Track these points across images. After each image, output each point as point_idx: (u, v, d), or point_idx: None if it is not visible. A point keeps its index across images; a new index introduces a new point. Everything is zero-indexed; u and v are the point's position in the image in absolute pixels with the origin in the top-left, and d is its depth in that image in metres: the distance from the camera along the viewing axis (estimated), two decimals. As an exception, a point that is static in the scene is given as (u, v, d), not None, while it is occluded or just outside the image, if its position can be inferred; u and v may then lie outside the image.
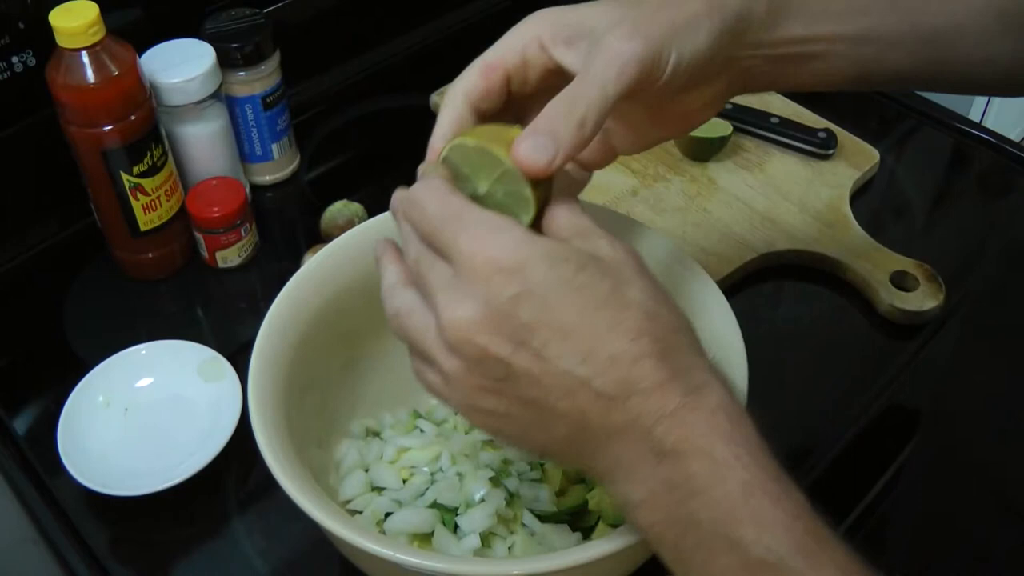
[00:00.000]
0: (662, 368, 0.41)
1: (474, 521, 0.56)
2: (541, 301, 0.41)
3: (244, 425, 0.60)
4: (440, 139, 0.49)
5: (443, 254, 0.43)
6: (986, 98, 1.26)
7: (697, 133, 0.86)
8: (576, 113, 0.43)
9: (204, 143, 0.81)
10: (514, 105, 0.51)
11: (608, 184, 0.85)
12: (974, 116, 1.25)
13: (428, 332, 0.43)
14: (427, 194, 0.45)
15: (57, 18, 0.68)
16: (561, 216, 0.45)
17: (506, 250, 0.41)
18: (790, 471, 0.67)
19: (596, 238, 0.44)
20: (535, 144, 0.43)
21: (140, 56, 0.74)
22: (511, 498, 0.57)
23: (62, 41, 0.68)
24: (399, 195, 0.47)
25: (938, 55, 0.54)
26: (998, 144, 0.93)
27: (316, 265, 0.61)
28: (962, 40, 0.54)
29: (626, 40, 0.44)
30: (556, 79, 0.48)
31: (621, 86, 0.44)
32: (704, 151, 0.87)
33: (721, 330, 0.56)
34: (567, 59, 0.48)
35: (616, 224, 0.63)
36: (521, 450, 0.47)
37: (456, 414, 0.62)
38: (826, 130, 0.89)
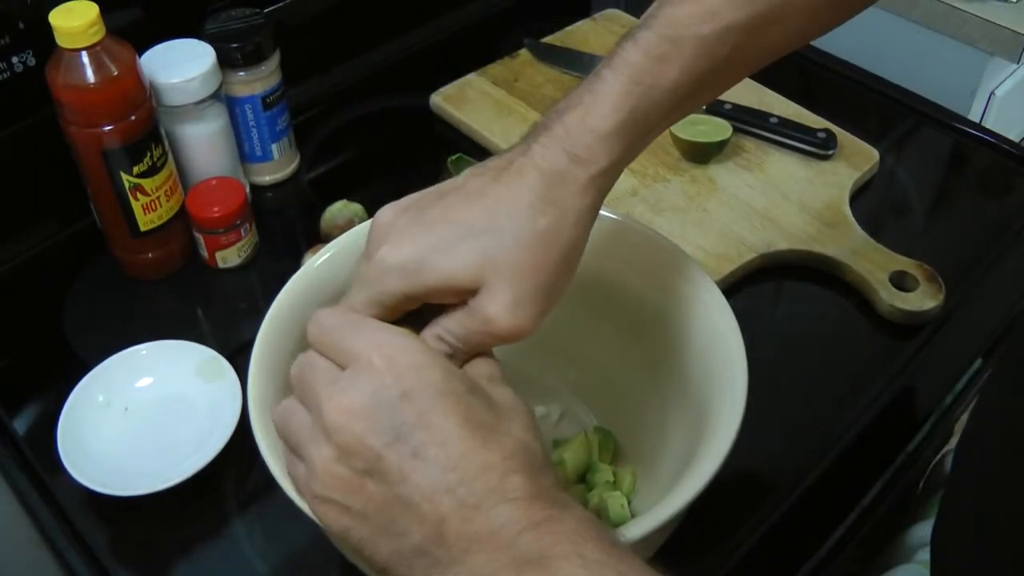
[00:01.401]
0: (531, 485, 0.40)
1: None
2: (428, 404, 0.41)
3: (244, 425, 0.60)
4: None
5: (337, 359, 0.43)
6: (986, 98, 1.26)
7: (697, 137, 0.86)
8: (458, 356, 0.47)
9: (204, 143, 0.81)
10: None
11: (608, 184, 0.85)
12: (974, 116, 1.25)
13: (304, 424, 0.43)
14: (329, 312, 0.46)
15: (57, 18, 0.68)
16: (477, 361, 0.47)
17: (407, 352, 0.42)
18: (790, 471, 0.67)
19: (500, 385, 0.46)
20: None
21: (140, 56, 0.74)
22: (511, 498, 0.57)
23: (62, 41, 0.68)
24: (314, 315, 0.47)
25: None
26: (998, 144, 0.93)
27: (316, 265, 0.61)
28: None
29: (508, 322, 0.46)
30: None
31: (499, 344, 0.47)
32: (704, 154, 0.87)
33: (721, 330, 0.56)
34: (452, 302, 0.48)
35: (616, 225, 0.63)
36: (360, 563, 0.45)
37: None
38: (826, 130, 0.89)
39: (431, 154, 0.89)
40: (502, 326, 0.46)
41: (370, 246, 0.49)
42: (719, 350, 0.55)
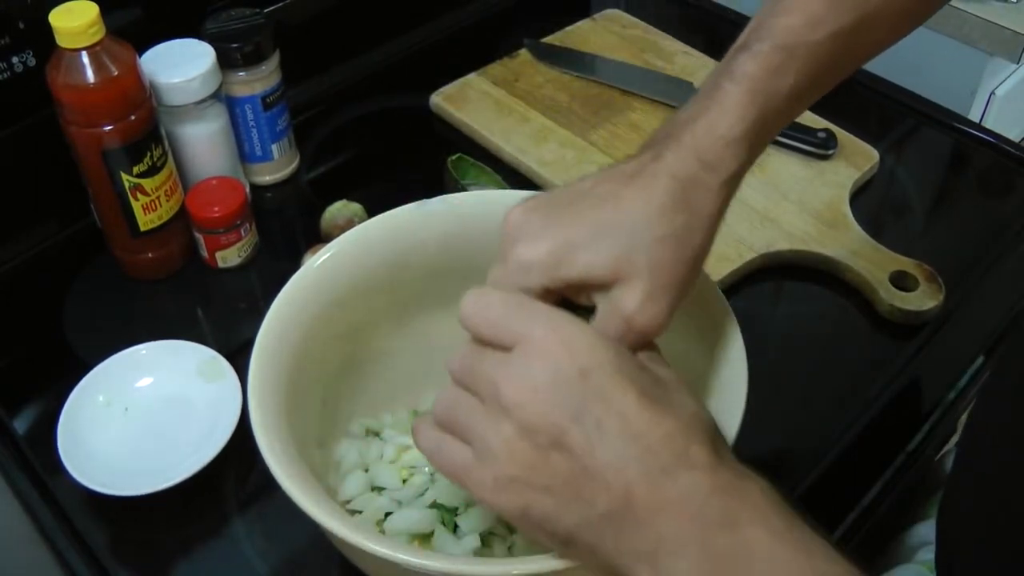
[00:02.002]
0: (712, 454, 0.42)
1: (474, 521, 0.56)
2: (606, 380, 0.42)
3: (244, 425, 0.60)
4: None
5: (506, 341, 0.44)
6: (986, 98, 1.26)
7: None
8: None
9: (204, 143, 0.81)
10: None
11: (608, 184, 0.85)
12: (974, 116, 1.25)
13: (476, 410, 0.44)
14: (491, 293, 0.47)
15: (57, 18, 0.68)
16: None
17: (581, 334, 0.43)
18: (790, 471, 0.67)
19: (660, 364, 0.47)
20: None
21: (140, 56, 0.74)
22: (511, 498, 0.57)
23: (62, 41, 0.68)
24: (469, 297, 0.46)
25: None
26: (998, 144, 0.93)
27: (316, 265, 0.61)
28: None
29: (646, 317, 0.47)
30: None
31: (644, 342, 0.48)
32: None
33: (721, 330, 0.56)
34: (591, 301, 0.49)
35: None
36: (539, 538, 0.45)
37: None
38: (826, 130, 0.89)
39: (431, 154, 0.89)
40: (640, 319, 0.47)
41: (504, 246, 0.49)
42: (719, 350, 0.55)
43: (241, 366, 0.67)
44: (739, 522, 0.41)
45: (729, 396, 0.52)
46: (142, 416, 0.69)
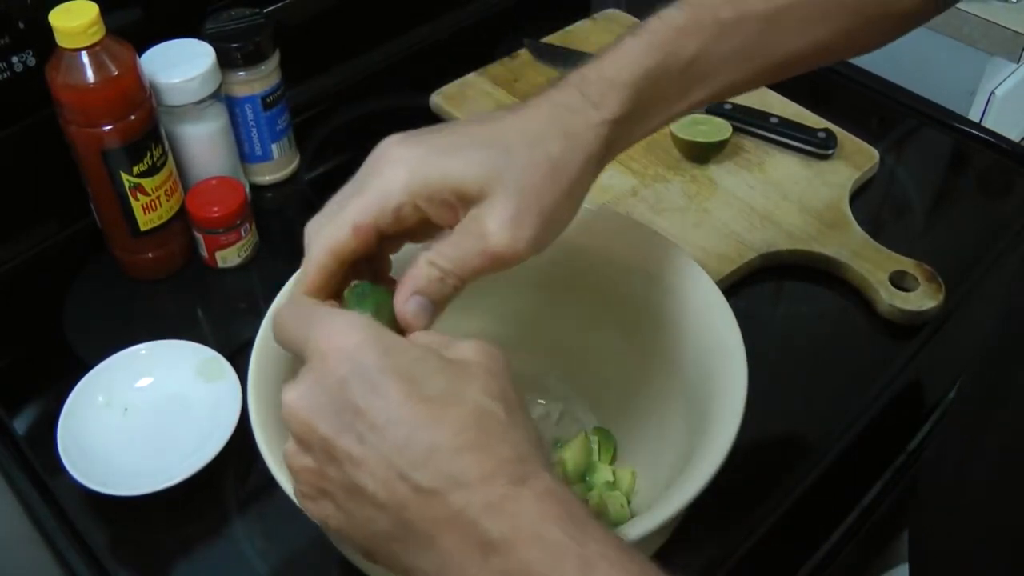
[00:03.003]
0: (485, 461, 0.39)
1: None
2: (369, 385, 0.40)
3: (244, 425, 0.60)
4: (308, 291, 0.48)
5: (299, 355, 0.43)
6: (986, 98, 1.26)
7: (697, 137, 0.86)
8: (448, 282, 0.46)
9: (204, 143, 0.81)
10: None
11: (608, 184, 0.85)
12: (974, 116, 1.25)
13: None
14: (284, 307, 0.46)
15: (57, 18, 0.68)
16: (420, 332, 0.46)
17: (344, 334, 0.41)
18: (791, 471, 0.67)
19: (459, 343, 0.43)
20: (417, 308, 0.46)
21: (140, 56, 0.74)
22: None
23: (62, 41, 0.68)
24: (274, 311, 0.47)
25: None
26: (998, 144, 0.93)
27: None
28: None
29: (505, 238, 0.45)
30: (425, 225, 0.48)
31: (493, 270, 0.46)
32: (703, 154, 0.87)
33: (721, 330, 0.56)
34: (442, 220, 0.47)
35: (616, 224, 0.63)
36: (350, 550, 0.44)
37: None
38: (826, 130, 0.89)
39: (431, 154, 0.89)
40: (499, 242, 0.45)
41: (372, 159, 0.47)
42: (719, 350, 0.55)
43: (241, 366, 0.67)
44: (512, 541, 0.38)
45: (729, 396, 0.52)
46: (142, 416, 0.69)
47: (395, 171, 0.46)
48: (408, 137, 0.48)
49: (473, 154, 0.46)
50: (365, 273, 0.49)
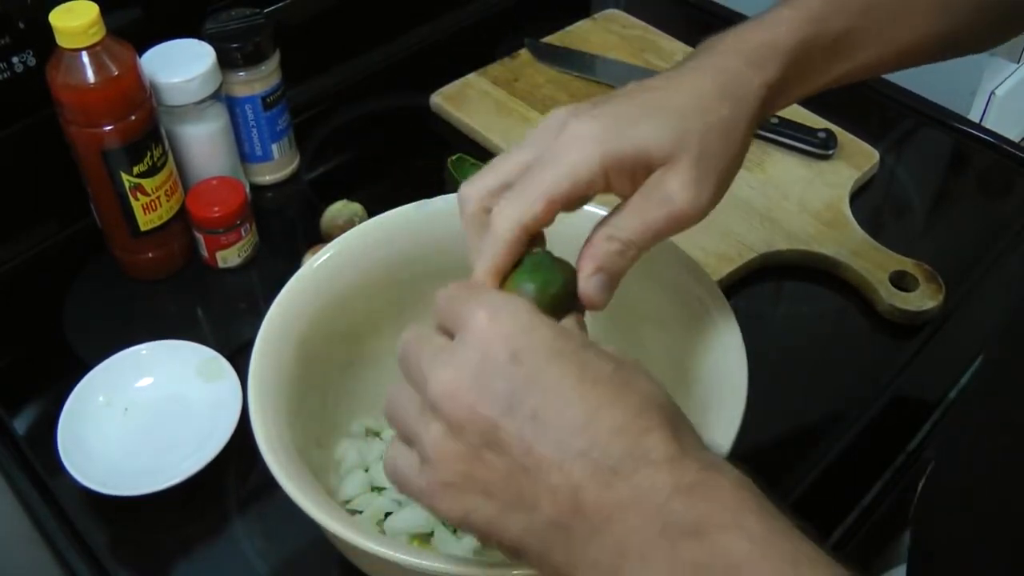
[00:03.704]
0: (672, 444, 0.37)
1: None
2: (542, 365, 0.38)
3: (244, 425, 0.60)
4: (495, 270, 0.46)
5: (452, 328, 0.41)
6: (986, 98, 1.26)
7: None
8: (628, 254, 0.46)
9: (204, 143, 0.81)
10: None
11: (608, 184, 0.85)
12: (974, 116, 1.25)
13: (413, 405, 0.40)
14: (454, 283, 0.44)
15: (57, 18, 0.68)
16: (576, 318, 0.46)
17: (514, 314, 0.40)
18: (790, 471, 0.67)
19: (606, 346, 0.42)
20: (600, 284, 0.46)
21: (140, 56, 0.74)
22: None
23: (62, 41, 0.68)
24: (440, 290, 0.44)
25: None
26: (998, 144, 0.93)
27: (316, 265, 0.61)
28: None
29: (689, 198, 0.46)
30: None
31: (671, 233, 0.47)
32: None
33: (721, 330, 0.56)
34: (627, 192, 0.47)
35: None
36: (490, 548, 0.41)
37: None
38: (826, 130, 0.89)
39: (431, 154, 0.89)
40: (684, 202, 0.46)
41: (548, 133, 0.47)
42: (719, 350, 0.55)
43: (241, 366, 0.67)
44: (709, 528, 0.35)
45: (729, 396, 0.52)
46: (142, 416, 0.69)
47: (587, 147, 0.45)
48: (583, 110, 0.47)
49: (656, 123, 0.46)
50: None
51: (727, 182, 0.48)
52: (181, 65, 0.77)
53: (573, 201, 0.46)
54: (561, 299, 0.46)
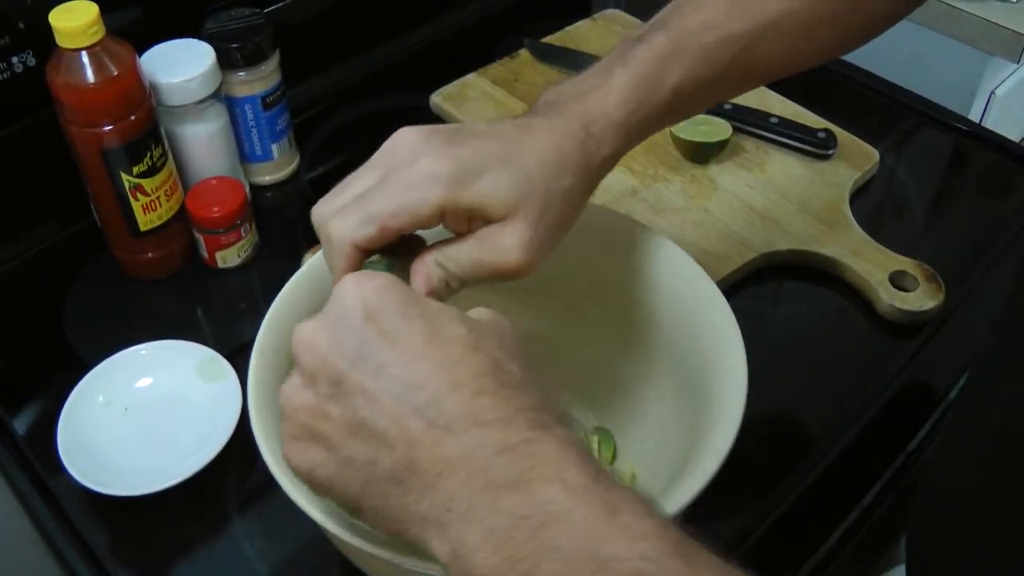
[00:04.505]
0: (504, 406, 0.39)
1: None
2: (392, 323, 0.40)
3: (244, 425, 0.60)
4: (339, 278, 0.48)
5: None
6: (986, 98, 1.26)
7: (697, 137, 0.86)
8: (452, 284, 0.49)
9: (204, 143, 0.81)
10: None
11: (608, 184, 0.84)
12: (974, 116, 1.25)
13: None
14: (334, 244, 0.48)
15: (57, 18, 0.68)
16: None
17: (370, 277, 0.42)
18: (791, 470, 0.67)
19: (473, 310, 0.44)
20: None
21: (140, 56, 0.74)
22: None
23: (62, 41, 0.68)
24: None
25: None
26: (998, 144, 0.93)
27: (316, 265, 0.61)
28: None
29: (519, 256, 0.48)
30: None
31: (494, 280, 0.49)
32: (704, 154, 0.87)
33: (721, 330, 0.56)
34: (460, 230, 0.49)
35: (616, 224, 0.63)
36: (334, 502, 0.44)
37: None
38: (826, 130, 0.89)
39: (431, 154, 0.89)
40: (513, 259, 0.48)
41: (398, 158, 0.48)
42: (719, 350, 0.55)
43: (241, 366, 0.67)
44: (531, 481, 0.37)
45: (729, 397, 0.52)
46: (142, 416, 0.69)
47: (432, 189, 0.47)
48: (436, 146, 0.48)
49: (501, 179, 0.48)
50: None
51: (557, 242, 0.50)
52: (181, 65, 0.77)
53: (407, 232, 0.48)
54: None
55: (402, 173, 0.48)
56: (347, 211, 0.48)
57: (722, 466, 0.49)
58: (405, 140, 0.49)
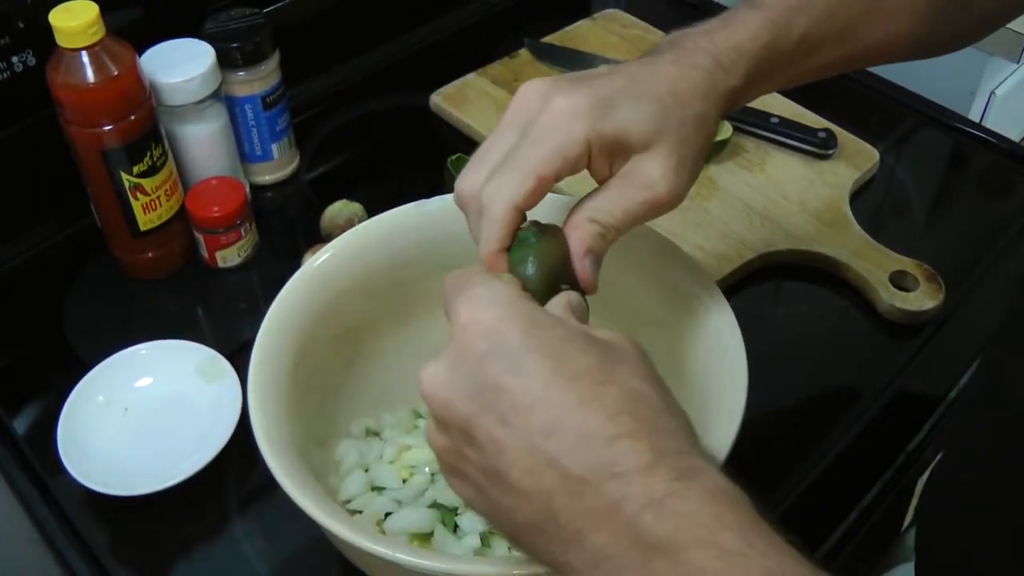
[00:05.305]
0: (645, 451, 0.36)
1: (474, 521, 0.56)
2: (512, 363, 0.38)
3: (244, 425, 0.60)
4: (496, 248, 0.47)
5: (450, 323, 0.41)
6: (986, 98, 1.26)
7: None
8: (608, 237, 0.48)
9: (204, 143, 0.81)
10: None
11: (608, 184, 0.85)
12: (974, 116, 1.25)
13: None
14: (452, 273, 0.44)
15: (57, 18, 0.68)
16: (573, 295, 0.46)
17: (490, 307, 0.39)
18: (790, 471, 0.67)
19: (599, 328, 0.42)
20: (592, 266, 0.48)
21: (140, 56, 0.74)
22: (511, 498, 0.57)
23: (62, 41, 0.68)
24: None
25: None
26: (998, 144, 0.93)
27: (316, 265, 0.61)
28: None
29: (670, 185, 0.47)
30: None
31: (648, 219, 0.48)
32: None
33: (721, 330, 0.56)
34: (603, 173, 0.48)
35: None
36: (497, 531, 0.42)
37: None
38: (826, 130, 0.89)
39: (431, 154, 0.89)
40: (663, 189, 0.47)
41: (531, 110, 0.47)
42: (719, 350, 0.55)
43: (241, 366, 0.67)
44: (683, 547, 0.34)
45: (729, 397, 0.52)
46: (142, 416, 0.69)
47: (574, 124, 0.46)
48: (564, 85, 0.48)
49: (637, 108, 0.47)
50: None
51: (696, 173, 0.50)
52: (181, 65, 0.77)
53: (561, 178, 0.47)
54: (553, 269, 0.47)
55: (540, 120, 0.47)
56: (500, 173, 0.46)
57: (722, 466, 0.49)
58: (534, 91, 0.48)
